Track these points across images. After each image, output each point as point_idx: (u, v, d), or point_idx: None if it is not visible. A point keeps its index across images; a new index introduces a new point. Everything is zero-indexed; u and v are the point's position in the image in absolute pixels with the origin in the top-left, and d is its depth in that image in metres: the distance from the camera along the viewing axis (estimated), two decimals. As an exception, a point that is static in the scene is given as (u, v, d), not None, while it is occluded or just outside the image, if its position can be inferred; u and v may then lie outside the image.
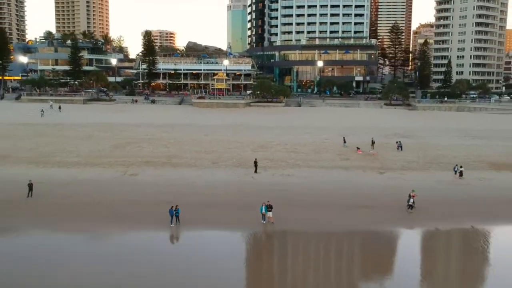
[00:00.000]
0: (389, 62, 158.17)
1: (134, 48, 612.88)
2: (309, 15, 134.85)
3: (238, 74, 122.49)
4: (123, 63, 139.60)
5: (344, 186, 39.24)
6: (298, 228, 29.64)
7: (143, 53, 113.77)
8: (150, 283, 22.23)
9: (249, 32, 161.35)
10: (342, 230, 29.95)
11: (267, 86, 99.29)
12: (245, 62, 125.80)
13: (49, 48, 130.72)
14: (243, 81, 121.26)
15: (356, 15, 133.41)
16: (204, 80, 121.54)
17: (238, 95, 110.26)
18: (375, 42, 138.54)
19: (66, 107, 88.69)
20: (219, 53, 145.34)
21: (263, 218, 29.80)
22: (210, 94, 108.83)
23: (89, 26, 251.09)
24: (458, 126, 75.23)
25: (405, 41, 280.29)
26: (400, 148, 53.64)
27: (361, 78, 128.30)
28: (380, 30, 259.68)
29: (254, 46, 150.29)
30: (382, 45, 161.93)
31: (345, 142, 55.58)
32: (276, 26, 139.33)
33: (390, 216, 32.29)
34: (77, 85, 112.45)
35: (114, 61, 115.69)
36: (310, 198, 35.22)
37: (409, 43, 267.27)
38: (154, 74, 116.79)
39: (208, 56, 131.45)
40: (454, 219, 32.05)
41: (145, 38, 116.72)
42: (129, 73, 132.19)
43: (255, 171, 42.46)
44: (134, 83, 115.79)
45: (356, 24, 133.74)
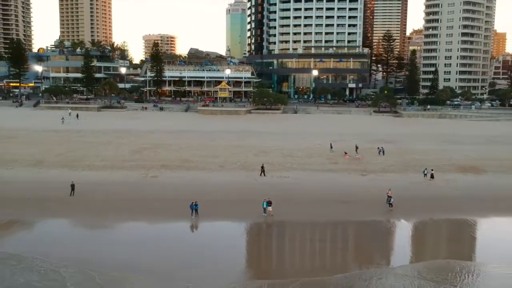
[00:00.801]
0: (382, 68, 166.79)
1: (135, 51, 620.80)
2: (305, 25, 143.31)
3: (238, 82, 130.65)
4: (128, 70, 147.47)
5: (331, 186, 46.80)
6: (293, 219, 37.30)
7: (151, 63, 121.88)
8: (180, 257, 30.11)
9: (248, 40, 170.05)
10: (328, 220, 37.60)
11: (266, 94, 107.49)
12: (245, 70, 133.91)
13: (60, 56, 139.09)
14: (244, 88, 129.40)
15: (349, 25, 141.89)
16: (207, 87, 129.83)
17: (239, 102, 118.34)
18: (367, 51, 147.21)
19: (82, 114, 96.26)
20: (220, 60, 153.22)
21: (264, 211, 37.60)
22: (213, 101, 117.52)
23: (92, 31, 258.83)
24: (437, 132, 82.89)
25: (400, 44, 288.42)
26: (382, 153, 61.43)
27: (354, 85, 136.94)
28: (376, 33, 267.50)
29: (254, 53, 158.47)
30: (378, 49, 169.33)
31: (331, 147, 63.40)
32: (274, 36, 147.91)
33: (367, 210, 39.98)
34: (89, 93, 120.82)
35: (123, 69, 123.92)
36: (303, 196, 42.76)
37: (403, 48, 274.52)
38: (161, 81, 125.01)
39: (210, 63, 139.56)
40: (417, 213, 39.74)
41: (152, 49, 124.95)
42: (134, 79, 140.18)
43: (262, 174, 49.30)
44: (141, 90, 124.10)
45: (349, 34, 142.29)
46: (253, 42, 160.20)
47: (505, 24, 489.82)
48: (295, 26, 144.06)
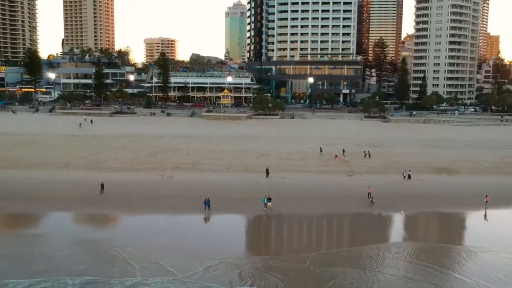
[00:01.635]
0: (375, 73, 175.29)
1: (136, 53, 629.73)
2: (301, 34, 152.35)
3: (238, 87, 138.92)
4: (133, 74, 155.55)
5: (322, 185, 54.44)
6: (288, 212, 45.14)
7: (157, 69, 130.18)
8: (198, 241, 37.92)
9: (248, 47, 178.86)
10: (318, 213, 45.40)
11: (265, 101, 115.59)
12: (245, 76, 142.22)
13: (70, 63, 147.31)
14: (244, 93, 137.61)
15: (343, 34, 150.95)
16: (209, 92, 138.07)
17: (240, 108, 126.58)
18: (360, 59, 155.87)
19: (95, 120, 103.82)
20: (221, 66, 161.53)
21: (265, 206, 45.49)
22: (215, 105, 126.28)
23: (96, 35, 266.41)
24: (420, 136, 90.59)
25: (395, 47, 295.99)
26: (368, 156, 69.38)
27: (347, 91, 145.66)
28: (372, 37, 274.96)
29: (253, 60, 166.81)
30: (374, 52, 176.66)
31: (321, 151, 71.33)
32: (273, 43, 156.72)
33: (352, 205, 47.62)
34: (98, 97, 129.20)
35: (131, 77, 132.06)
36: (298, 193, 50.53)
37: (398, 51, 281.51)
38: (166, 87, 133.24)
39: (212, 69, 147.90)
40: (392, 208, 47.51)
41: (160, 59, 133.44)
42: (140, 84, 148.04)
43: (267, 176, 56.78)
44: (148, 96, 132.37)
45: (343, 42, 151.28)
46: (252, 49, 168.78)
47: (499, 26, 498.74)
48: (292, 35, 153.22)
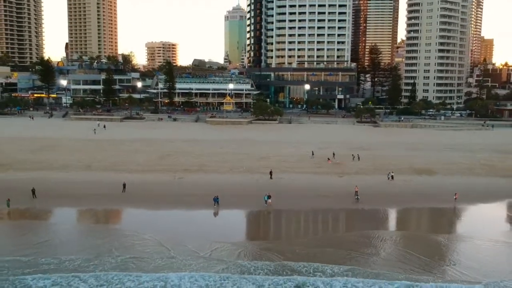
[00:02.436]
0: (369, 79, 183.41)
1: (138, 56, 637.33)
2: (299, 42, 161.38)
3: (239, 93, 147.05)
4: (138, 79, 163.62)
5: (315, 185, 61.92)
6: (286, 208, 52.74)
7: (163, 75, 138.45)
8: (208, 229, 45.77)
9: (248, 54, 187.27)
10: (312, 208, 52.99)
11: (265, 107, 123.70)
12: (245, 82, 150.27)
13: (79, 70, 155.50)
14: (244, 99, 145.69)
15: (338, 42, 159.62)
16: (211, 98, 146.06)
17: (241, 113, 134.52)
18: (355, 66, 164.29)
19: (107, 125, 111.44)
20: (222, 72, 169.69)
21: (265, 202, 53.17)
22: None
23: (99, 39, 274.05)
24: (406, 140, 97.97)
25: (391, 51, 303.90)
26: (358, 158, 77.06)
27: (342, 96, 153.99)
28: (368, 41, 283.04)
29: (253, 66, 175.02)
30: (370, 57, 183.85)
31: (313, 154, 79.04)
32: (271, 51, 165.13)
33: (341, 201, 55.18)
34: (106, 102, 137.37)
35: (139, 84, 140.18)
36: (294, 192, 58.08)
37: (394, 55, 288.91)
38: (172, 93, 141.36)
39: (213, 75, 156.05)
40: (376, 204, 54.97)
41: (166, 67, 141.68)
42: (146, 90, 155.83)
43: (271, 177, 64.16)
44: (154, 102, 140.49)
45: (338, 50, 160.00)
46: (252, 56, 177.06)
47: (493, 29, 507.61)
48: (290, 43, 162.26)
